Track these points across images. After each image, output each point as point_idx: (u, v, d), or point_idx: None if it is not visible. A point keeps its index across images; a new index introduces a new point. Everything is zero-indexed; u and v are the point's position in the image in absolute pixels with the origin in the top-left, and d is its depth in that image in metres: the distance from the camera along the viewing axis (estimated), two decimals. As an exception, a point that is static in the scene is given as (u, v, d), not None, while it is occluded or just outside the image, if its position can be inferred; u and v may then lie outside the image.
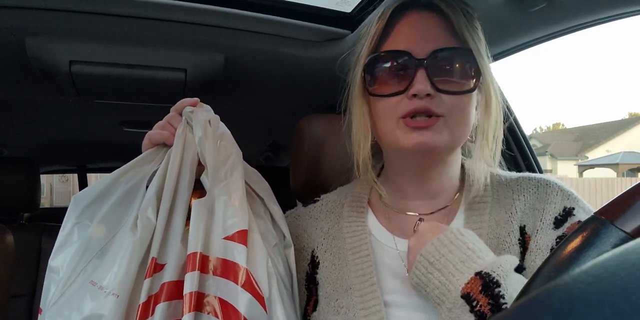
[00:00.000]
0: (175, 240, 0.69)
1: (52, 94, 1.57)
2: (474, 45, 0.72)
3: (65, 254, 0.70)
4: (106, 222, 0.71)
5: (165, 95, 1.53)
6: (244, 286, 0.66)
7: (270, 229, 0.78)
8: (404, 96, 0.72)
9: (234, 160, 0.75)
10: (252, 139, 2.54)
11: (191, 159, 0.74)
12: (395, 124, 0.73)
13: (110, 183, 0.74)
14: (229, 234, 0.69)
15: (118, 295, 0.64)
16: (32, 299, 1.53)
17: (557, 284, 0.24)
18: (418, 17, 0.74)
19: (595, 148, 23.54)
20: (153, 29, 1.17)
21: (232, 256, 0.68)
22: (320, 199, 0.94)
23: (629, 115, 39.21)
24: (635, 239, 0.36)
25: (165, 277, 0.66)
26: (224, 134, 0.77)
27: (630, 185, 0.40)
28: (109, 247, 0.69)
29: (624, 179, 17.50)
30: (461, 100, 0.72)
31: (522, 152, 1.47)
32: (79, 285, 0.67)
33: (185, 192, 0.72)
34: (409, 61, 0.71)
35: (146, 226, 0.69)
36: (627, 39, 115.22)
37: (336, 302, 0.77)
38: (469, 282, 0.61)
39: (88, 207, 0.73)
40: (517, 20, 1.08)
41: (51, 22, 1.11)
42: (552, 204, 0.74)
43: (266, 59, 1.35)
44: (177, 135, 0.75)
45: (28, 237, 1.57)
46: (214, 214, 0.71)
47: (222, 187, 0.72)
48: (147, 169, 0.75)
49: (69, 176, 11.29)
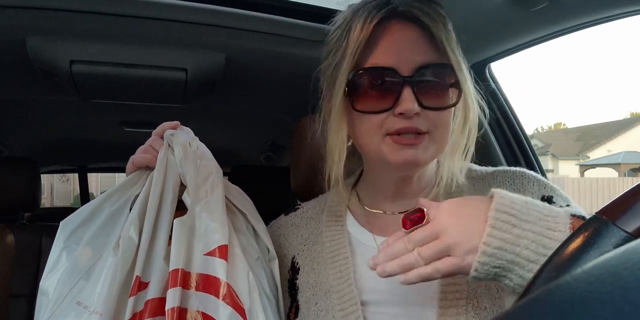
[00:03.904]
0: (158, 259, 0.71)
1: (52, 94, 1.57)
2: (454, 58, 0.72)
3: (54, 277, 0.73)
4: (92, 245, 0.74)
5: (166, 95, 1.53)
6: (225, 299, 0.69)
7: (252, 243, 0.81)
8: (389, 113, 0.72)
9: (214, 179, 0.78)
10: (253, 138, 2.54)
11: (173, 180, 0.77)
12: (381, 140, 0.73)
13: (96, 207, 0.78)
14: (209, 250, 0.72)
15: (101, 314, 0.67)
16: (33, 299, 1.52)
17: (559, 284, 0.24)
18: (400, 29, 0.73)
19: (596, 148, 23.52)
20: (154, 29, 1.17)
21: (214, 271, 0.71)
22: (300, 207, 0.95)
23: (631, 115, 39.19)
24: (637, 238, 0.36)
25: (149, 295, 0.69)
26: (204, 153, 0.80)
27: (631, 185, 0.40)
28: (94, 269, 0.72)
29: (625, 178, 17.50)
30: (444, 115, 0.73)
31: (524, 152, 1.46)
32: (66, 306, 0.70)
33: (168, 212, 0.75)
34: (395, 78, 0.71)
35: (128, 246, 0.71)
36: (628, 38, 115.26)
37: (316, 306, 0.79)
38: (572, 222, 0.54)
39: (75, 231, 0.76)
40: (518, 19, 1.08)
41: (52, 22, 1.11)
42: (529, 194, 0.75)
43: (267, 59, 1.35)
44: (159, 157, 0.77)
45: (28, 237, 1.57)
46: (195, 230, 0.74)
47: (203, 205, 0.75)
48: (131, 192, 0.79)
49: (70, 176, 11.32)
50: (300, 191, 1.13)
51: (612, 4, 0.97)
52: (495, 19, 1.07)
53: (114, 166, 3.77)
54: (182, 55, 1.28)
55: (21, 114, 1.96)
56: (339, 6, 1.24)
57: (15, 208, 1.68)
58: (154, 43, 1.23)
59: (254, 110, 1.96)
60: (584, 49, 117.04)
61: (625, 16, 1.00)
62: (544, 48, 5.97)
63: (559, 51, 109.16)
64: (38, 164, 1.74)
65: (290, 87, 1.62)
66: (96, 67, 1.26)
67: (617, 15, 1.00)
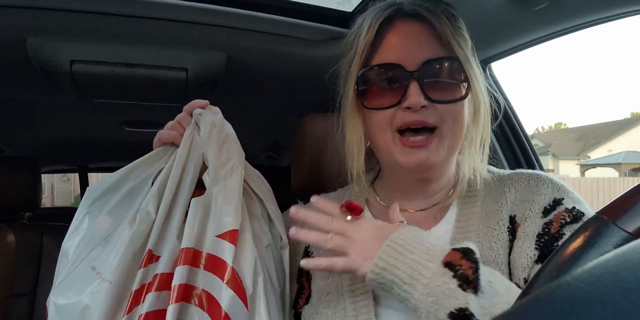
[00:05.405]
0: (172, 235, 0.74)
1: (53, 93, 1.57)
2: (461, 51, 0.74)
3: (75, 239, 0.76)
4: (112, 214, 0.77)
5: (166, 95, 1.53)
6: (228, 283, 0.70)
7: (265, 230, 0.82)
8: (398, 108, 0.74)
9: (235, 163, 0.79)
10: (254, 138, 2.54)
11: (196, 159, 0.78)
12: (391, 138, 0.75)
13: (120, 178, 0.80)
14: (221, 232, 0.74)
15: (111, 282, 0.70)
16: (34, 298, 1.53)
17: (559, 283, 0.24)
18: (405, 27, 0.76)
19: (597, 148, 23.50)
20: (154, 29, 1.17)
21: (222, 254, 0.72)
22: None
23: (631, 115, 39.16)
24: (637, 238, 0.36)
25: (158, 269, 0.71)
26: (228, 136, 0.81)
27: (632, 184, 0.40)
28: (111, 237, 0.75)
29: (625, 178, 17.48)
30: (454, 108, 0.74)
31: (524, 152, 1.46)
32: (82, 269, 0.73)
33: (187, 190, 0.76)
34: (400, 74, 0.73)
35: (144, 219, 0.73)
36: (629, 38, 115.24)
37: (327, 296, 0.80)
38: (448, 254, 0.63)
39: (98, 198, 0.79)
40: (519, 19, 1.08)
41: (52, 22, 1.11)
42: (542, 196, 0.75)
43: (268, 58, 1.35)
44: (184, 135, 0.79)
45: (29, 237, 1.57)
46: (210, 211, 0.75)
47: (221, 187, 0.76)
48: (155, 167, 0.80)
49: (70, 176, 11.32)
50: (302, 191, 1.13)
51: (612, 4, 0.97)
52: (495, 18, 1.07)
53: (115, 166, 3.77)
54: (183, 55, 1.28)
55: (22, 113, 1.96)
56: (339, 6, 1.24)
57: (16, 208, 1.68)
58: (155, 43, 1.23)
59: (254, 109, 1.96)
60: (584, 49, 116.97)
61: (625, 16, 1.00)
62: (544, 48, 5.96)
63: (560, 51, 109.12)
64: (38, 163, 1.75)
65: (290, 87, 1.62)
66: (97, 67, 1.26)
67: (617, 15, 1.00)
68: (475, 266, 0.61)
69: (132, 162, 0.80)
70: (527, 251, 0.70)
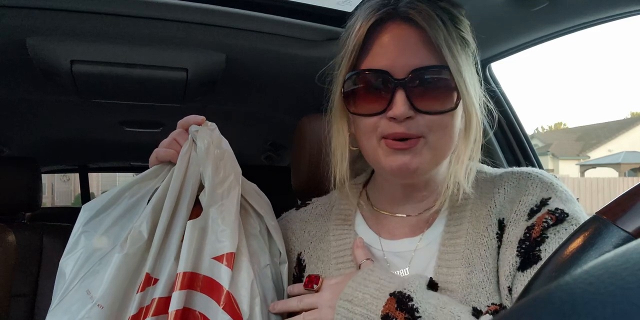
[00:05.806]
0: (169, 257, 0.72)
1: (53, 94, 1.58)
2: (453, 60, 0.69)
3: (73, 258, 0.74)
4: (108, 235, 0.75)
5: (166, 95, 1.53)
6: (225, 308, 0.70)
7: (263, 248, 0.80)
8: (382, 116, 0.70)
9: (232, 181, 0.77)
10: (253, 138, 2.54)
11: (193, 179, 0.76)
12: (377, 143, 0.72)
13: (116, 196, 0.77)
14: (217, 255, 0.73)
15: (102, 307, 0.68)
16: (34, 298, 1.53)
17: (559, 284, 0.24)
18: (397, 31, 0.71)
19: (597, 148, 23.49)
20: (154, 29, 1.17)
21: (219, 277, 0.72)
22: (311, 202, 0.95)
23: (631, 115, 39.13)
24: (637, 238, 0.36)
25: (156, 293, 0.69)
26: (225, 152, 0.79)
27: (632, 185, 0.40)
28: (105, 260, 0.73)
29: (625, 178, 17.49)
30: (442, 119, 0.71)
31: (524, 152, 1.46)
32: (76, 292, 0.71)
33: (184, 211, 0.75)
34: (387, 81, 0.69)
35: (136, 241, 0.72)
36: (629, 38, 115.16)
37: None
38: (386, 303, 0.66)
39: (94, 217, 0.76)
40: (519, 19, 1.08)
41: (52, 22, 1.11)
42: (530, 196, 0.73)
43: (267, 58, 1.35)
44: (181, 153, 0.77)
45: (29, 237, 1.57)
46: (206, 233, 0.74)
47: (218, 208, 0.75)
48: (151, 185, 0.78)
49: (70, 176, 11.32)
50: (301, 191, 1.13)
51: (612, 4, 0.97)
52: (495, 19, 1.07)
53: (115, 166, 3.78)
54: (182, 55, 1.28)
55: (22, 113, 1.96)
56: (339, 6, 1.24)
57: (16, 208, 1.68)
58: (155, 43, 1.23)
59: (254, 110, 1.96)
60: (584, 49, 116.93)
61: (625, 16, 1.00)
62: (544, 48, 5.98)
63: (560, 51, 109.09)
64: (39, 163, 1.75)
65: (290, 87, 1.62)
66: (97, 67, 1.26)
67: (617, 15, 1.00)
68: (409, 316, 0.63)
69: (128, 182, 0.79)
70: (509, 258, 0.68)
